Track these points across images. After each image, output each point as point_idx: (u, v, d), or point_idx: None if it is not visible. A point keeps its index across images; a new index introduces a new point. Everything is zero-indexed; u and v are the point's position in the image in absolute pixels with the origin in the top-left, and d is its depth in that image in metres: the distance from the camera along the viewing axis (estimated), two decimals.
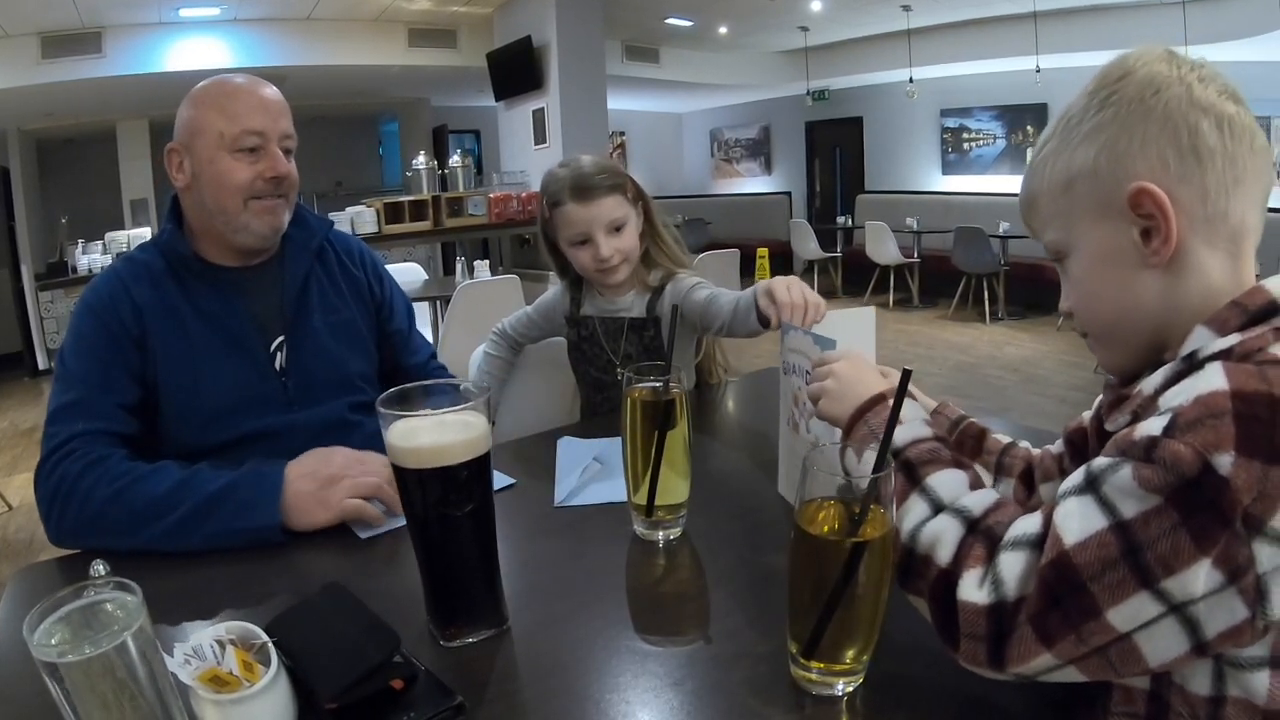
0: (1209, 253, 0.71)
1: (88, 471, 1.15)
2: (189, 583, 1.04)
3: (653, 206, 1.74)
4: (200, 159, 1.32)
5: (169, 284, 1.34)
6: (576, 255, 1.69)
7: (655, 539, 1.10)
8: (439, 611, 0.88)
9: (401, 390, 0.86)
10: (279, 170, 1.35)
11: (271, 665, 0.74)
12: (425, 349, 1.66)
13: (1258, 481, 0.56)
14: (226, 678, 0.73)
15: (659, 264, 1.75)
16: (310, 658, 0.77)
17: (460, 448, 0.82)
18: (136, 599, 0.68)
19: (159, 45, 7.13)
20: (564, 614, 0.93)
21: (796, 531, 0.75)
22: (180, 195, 1.39)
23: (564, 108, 7.21)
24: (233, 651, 0.75)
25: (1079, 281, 0.78)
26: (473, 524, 0.85)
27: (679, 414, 1.06)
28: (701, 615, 0.95)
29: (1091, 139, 0.73)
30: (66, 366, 1.27)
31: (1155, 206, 0.69)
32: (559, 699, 0.78)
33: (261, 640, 0.77)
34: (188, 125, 1.33)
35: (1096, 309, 0.78)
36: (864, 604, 0.73)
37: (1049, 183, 0.77)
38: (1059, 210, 0.77)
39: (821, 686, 0.77)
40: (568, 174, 1.65)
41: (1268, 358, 0.63)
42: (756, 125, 12.91)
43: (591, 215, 1.63)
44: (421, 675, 0.78)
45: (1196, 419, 0.59)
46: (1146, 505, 0.59)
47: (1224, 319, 0.68)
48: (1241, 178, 0.70)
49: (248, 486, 1.13)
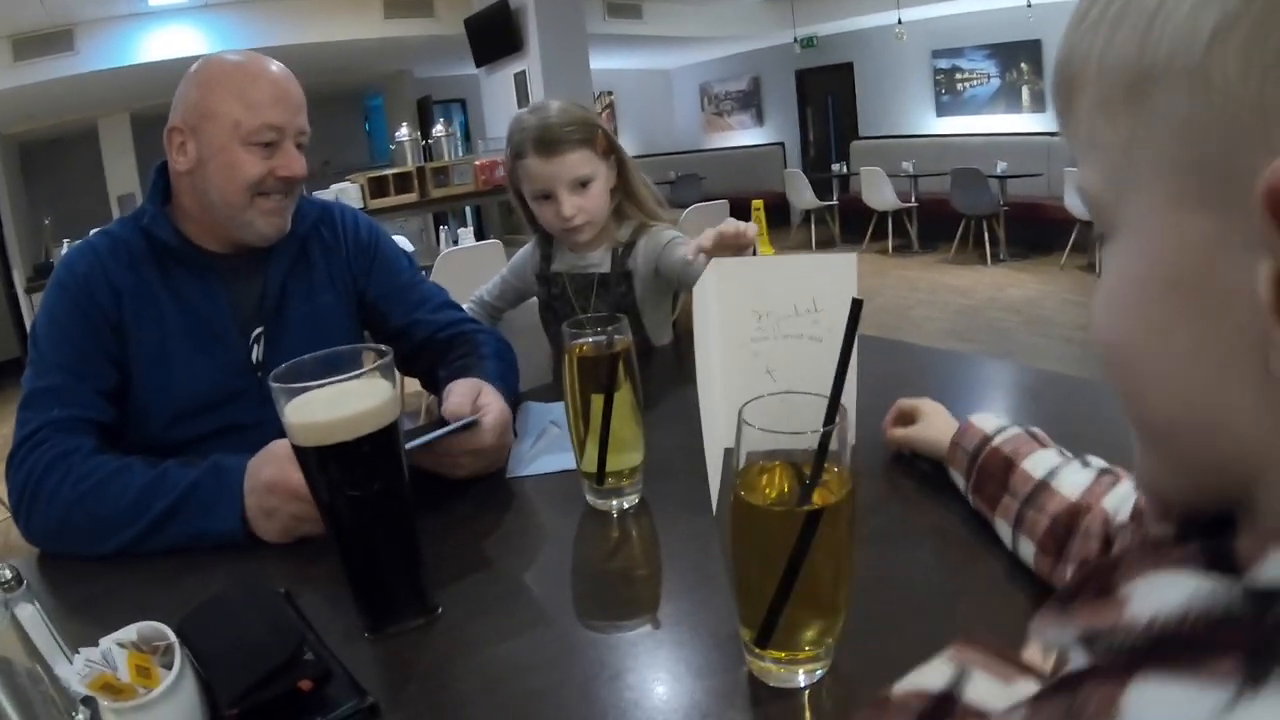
0: None
1: (55, 466, 1.08)
2: (123, 582, 0.98)
3: (627, 160, 1.64)
4: (209, 145, 1.22)
5: (148, 267, 1.25)
6: (540, 210, 1.62)
7: (609, 508, 1.02)
8: (359, 601, 0.81)
9: (295, 363, 0.77)
10: (294, 170, 1.26)
11: (174, 668, 0.67)
12: (433, 298, 1.51)
13: None
14: (119, 685, 0.66)
15: (630, 218, 1.66)
16: (213, 659, 0.70)
17: (360, 419, 0.74)
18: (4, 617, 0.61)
19: (132, 37, 7.04)
20: (501, 597, 0.86)
21: (736, 500, 0.65)
22: (176, 177, 1.28)
23: (545, 69, 7.06)
24: (124, 655, 0.69)
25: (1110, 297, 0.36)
26: (383, 504, 0.77)
27: (622, 372, 0.97)
28: (652, 596, 0.86)
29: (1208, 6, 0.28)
30: (40, 350, 1.19)
31: None
32: (485, 694, 0.71)
33: (168, 641, 0.70)
34: (197, 106, 1.23)
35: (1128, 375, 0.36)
36: (822, 581, 0.64)
37: (1103, 60, 0.33)
38: (1107, 139, 0.33)
39: (780, 679, 0.68)
40: (534, 123, 1.55)
41: None
42: (746, 77, 12.72)
43: (554, 171, 1.54)
44: (336, 673, 0.71)
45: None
46: None
47: None
48: None
49: (208, 486, 1.05)
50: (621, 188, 1.65)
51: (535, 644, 0.78)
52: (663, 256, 1.59)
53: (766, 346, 1.08)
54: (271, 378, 0.75)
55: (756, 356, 1.08)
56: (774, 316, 1.07)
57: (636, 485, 1.03)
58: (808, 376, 0.72)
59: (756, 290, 1.07)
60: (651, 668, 0.73)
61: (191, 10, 7.16)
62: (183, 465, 1.08)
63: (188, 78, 1.26)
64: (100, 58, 6.98)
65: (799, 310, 1.06)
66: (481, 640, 0.79)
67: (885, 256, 8.68)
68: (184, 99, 1.25)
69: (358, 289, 1.45)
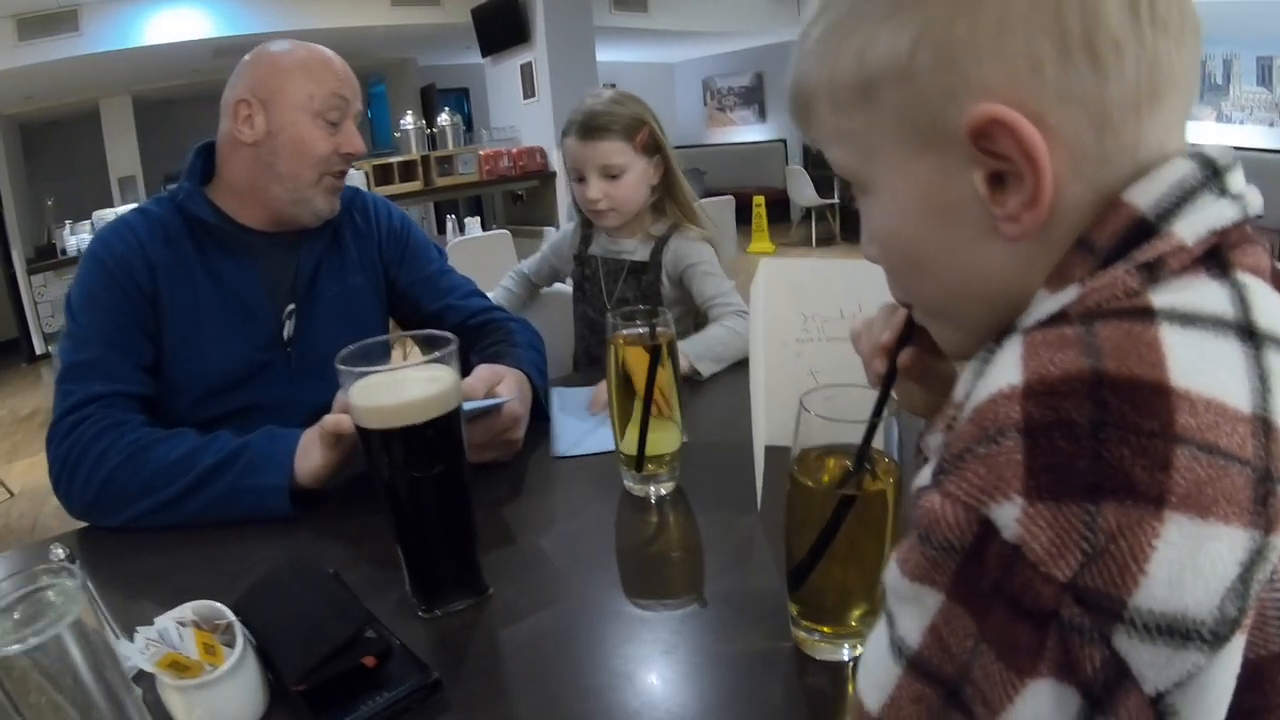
0: (1102, 199, 0.43)
1: (102, 436, 1.10)
2: (161, 564, 0.99)
3: (673, 161, 1.70)
4: (281, 118, 1.25)
5: (184, 243, 1.27)
6: (576, 190, 1.69)
7: (647, 494, 1.04)
8: (414, 581, 0.82)
9: (362, 346, 0.79)
10: (358, 147, 1.32)
11: (237, 647, 0.69)
12: (462, 286, 1.55)
13: (1079, 536, 0.33)
14: (186, 662, 0.68)
15: (668, 215, 1.71)
16: (275, 637, 0.72)
17: (426, 404, 0.75)
18: (76, 583, 0.63)
19: (137, 19, 6.97)
20: (549, 578, 0.88)
21: (792, 483, 0.69)
22: (232, 149, 1.29)
23: (552, 61, 7.05)
24: (192, 633, 0.71)
25: (886, 239, 0.53)
26: (444, 486, 0.79)
27: (665, 359, 0.99)
28: (695, 577, 0.89)
29: (904, 15, 0.44)
30: (79, 323, 1.20)
31: (1016, 146, 0.42)
32: (543, 669, 0.73)
33: (227, 620, 0.72)
34: (266, 81, 1.26)
35: (919, 283, 0.53)
36: (868, 559, 0.67)
37: (833, 79, 0.48)
38: (850, 128, 0.49)
39: (826, 651, 0.71)
40: (583, 108, 1.64)
41: (1119, 307, 0.39)
42: (749, 72, 12.69)
43: (587, 155, 1.62)
44: (396, 650, 0.73)
45: (965, 448, 0.37)
46: (929, 612, 0.38)
47: (1067, 268, 0.43)
48: (1159, 88, 0.42)
49: (259, 445, 1.08)
50: (664, 185, 1.70)
51: (587, 622, 0.79)
52: (685, 274, 1.66)
53: (811, 348, 1.10)
54: (338, 360, 0.76)
55: (800, 357, 1.10)
56: (819, 319, 1.09)
57: (674, 472, 1.05)
58: (849, 379, 0.74)
59: (803, 292, 1.10)
60: (701, 643, 0.75)
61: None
62: (235, 432, 1.10)
63: (254, 56, 1.29)
64: (105, 39, 6.93)
65: (844, 314, 1.08)
66: (534, 618, 0.81)
67: None
68: (251, 74, 1.27)
69: (388, 276, 1.48)
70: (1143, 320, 0.37)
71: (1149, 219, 0.41)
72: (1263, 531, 0.33)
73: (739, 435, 1.11)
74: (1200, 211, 0.41)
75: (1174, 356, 0.35)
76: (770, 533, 0.94)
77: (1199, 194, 0.41)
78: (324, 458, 1.05)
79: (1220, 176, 0.42)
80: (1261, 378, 0.36)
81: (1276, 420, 0.35)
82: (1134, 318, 0.38)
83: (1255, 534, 0.33)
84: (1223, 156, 0.43)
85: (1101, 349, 0.36)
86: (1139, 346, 0.36)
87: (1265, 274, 0.41)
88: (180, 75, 8.31)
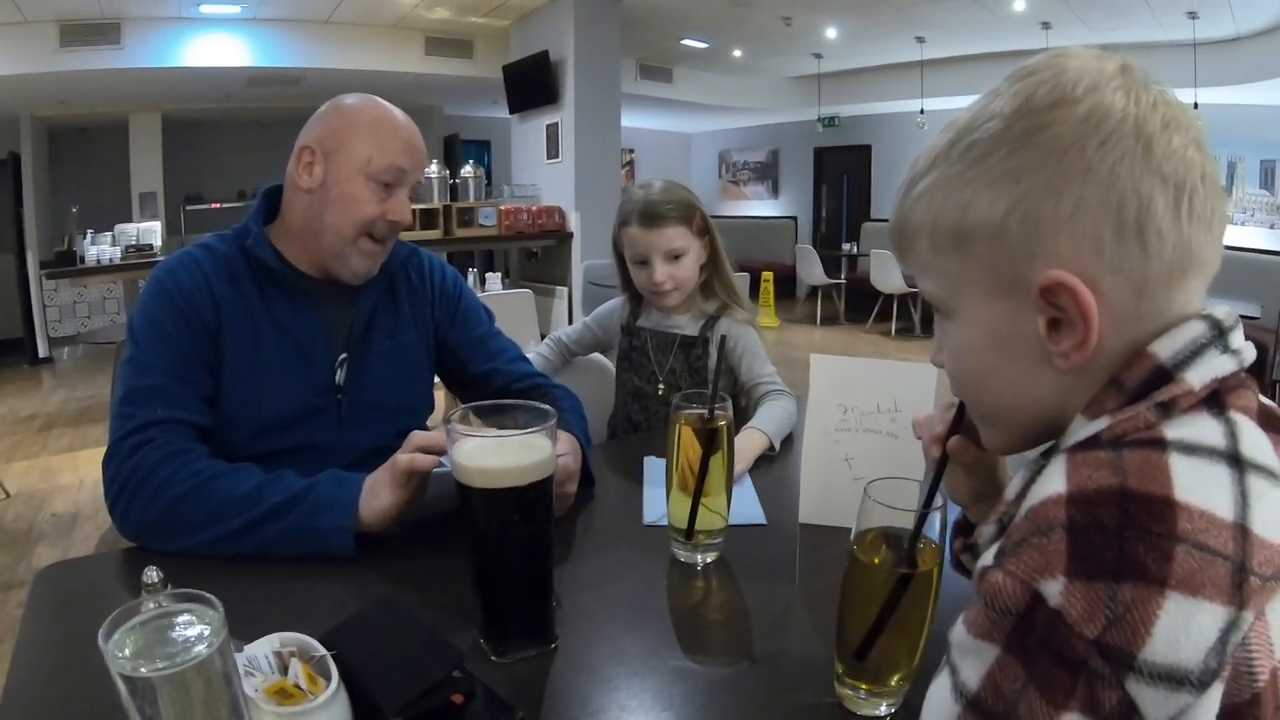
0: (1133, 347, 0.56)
1: (166, 462, 1.13)
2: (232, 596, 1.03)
3: (719, 242, 1.82)
4: (337, 172, 1.31)
5: (247, 284, 1.32)
6: (636, 273, 1.80)
7: (695, 562, 1.12)
8: (492, 628, 0.89)
9: (473, 408, 0.88)
10: (403, 217, 1.35)
11: (333, 678, 0.74)
12: (509, 350, 1.62)
13: (1104, 606, 0.45)
14: (291, 690, 0.73)
15: (717, 295, 1.83)
16: (372, 670, 0.77)
17: (527, 470, 0.84)
18: (218, 614, 0.67)
19: (177, 40, 7.12)
20: (610, 634, 0.95)
21: (852, 559, 0.78)
22: (292, 193, 1.36)
23: (578, 123, 7.22)
24: (298, 664, 0.76)
25: (960, 355, 0.65)
26: (532, 545, 0.87)
27: (723, 441, 1.08)
28: (744, 637, 0.98)
29: (1002, 186, 0.56)
30: (141, 348, 1.24)
31: (1074, 304, 0.54)
32: (610, 713, 0.80)
33: (320, 653, 0.77)
34: (336, 133, 1.32)
35: (980, 393, 0.67)
36: (910, 629, 0.76)
37: (935, 224, 0.61)
38: (945, 267, 0.62)
39: (867, 706, 0.80)
40: (640, 197, 1.76)
41: (1140, 437, 0.51)
42: (765, 148, 12.97)
43: (652, 240, 1.73)
44: (480, 690, 0.80)
45: (1023, 538, 0.50)
46: (986, 662, 0.50)
47: (1101, 400, 0.56)
48: (1188, 267, 0.55)
49: (325, 487, 1.12)
50: (711, 264, 1.82)
51: (650, 673, 0.87)
52: (733, 357, 1.78)
53: (848, 437, 1.20)
54: (445, 420, 0.84)
55: (838, 444, 1.20)
56: (858, 411, 1.19)
57: (718, 544, 1.13)
58: (880, 469, 0.87)
59: (846, 385, 1.20)
60: (753, 696, 0.84)
61: (239, 21, 7.27)
62: (298, 474, 1.15)
63: (330, 106, 1.36)
64: (144, 55, 7.04)
65: (881, 408, 1.19)
66: (598, 668, 0.88)
67: (887, 338, 8.83)
68: (324, 122, 1.34)
69: (439, 334, 1.55)
70: (1157, 449, 0.50)
71: (1167, 368, 0.54)
72: (1237, 608, 0.45)
73: (771, 510, 1.25)
74: (1207, 364, 0.54)
75: (1179, 478, 0.48)
76: (807, 602, 1.03)
77: (1207, 350, 0.54)
78: (393, 496, 1.09)
79: (1225, 335, 0.55)
80: (1243, 495, 0.48)
81: (1253, 527, 0.46)
82: (1151, 446, 0.50)
83: (1232, 609, 0.45)
84: (1227, 318, 0.56)
85: (1127, 470, 0.48)
86: (1154, 470, 0.48)
87: (1253, 413, 0.53)
88: (212, 99, 8.46)
